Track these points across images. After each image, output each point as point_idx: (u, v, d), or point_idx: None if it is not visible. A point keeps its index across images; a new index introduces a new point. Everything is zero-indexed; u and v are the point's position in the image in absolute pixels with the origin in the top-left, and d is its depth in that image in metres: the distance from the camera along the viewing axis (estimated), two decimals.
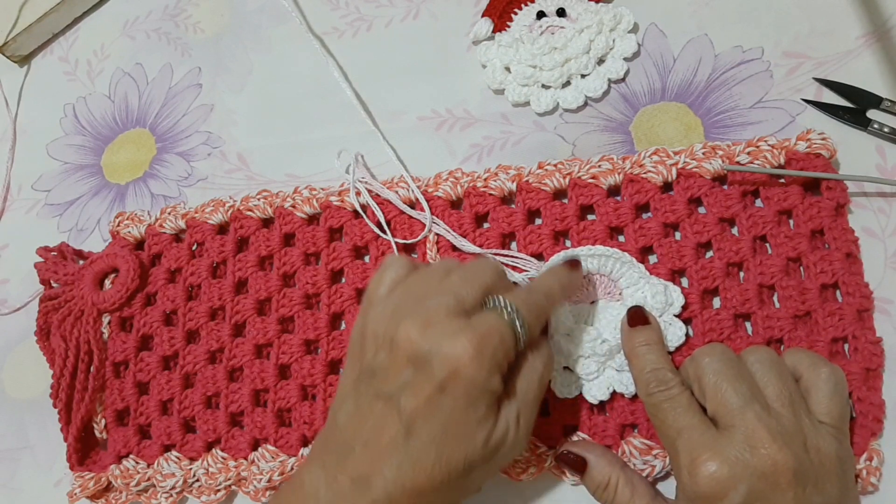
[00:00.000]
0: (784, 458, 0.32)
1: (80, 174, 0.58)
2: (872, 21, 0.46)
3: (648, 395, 0.37)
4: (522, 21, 0.51)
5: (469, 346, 0.32)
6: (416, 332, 0.33)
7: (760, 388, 0.35)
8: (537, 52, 0.49)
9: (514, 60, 0.50)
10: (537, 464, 0.40)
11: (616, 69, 0.49)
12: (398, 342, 0.33)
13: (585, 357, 0.41)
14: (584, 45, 0.49)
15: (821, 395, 0.35)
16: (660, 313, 0.41)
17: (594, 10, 0.50)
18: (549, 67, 0.49)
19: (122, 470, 0.46)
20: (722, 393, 0.34)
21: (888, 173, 0.43)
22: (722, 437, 0.33)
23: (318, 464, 0.35)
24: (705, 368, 0.35)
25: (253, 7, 0.59)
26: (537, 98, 0.49)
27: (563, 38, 0.49)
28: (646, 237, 0.43)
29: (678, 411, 0.35)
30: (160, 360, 0.48)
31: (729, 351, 0.36)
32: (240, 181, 0.53)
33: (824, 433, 0.34)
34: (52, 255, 0.51)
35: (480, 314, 0.34)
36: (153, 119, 0.58)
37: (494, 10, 0.52)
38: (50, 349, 0.49)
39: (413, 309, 0.34)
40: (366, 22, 0.56)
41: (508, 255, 0.44)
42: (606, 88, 0.49)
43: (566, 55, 0.49)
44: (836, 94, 0.45)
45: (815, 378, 0.36)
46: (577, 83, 0.49)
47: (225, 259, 0.48)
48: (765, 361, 0.36)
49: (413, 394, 0.32)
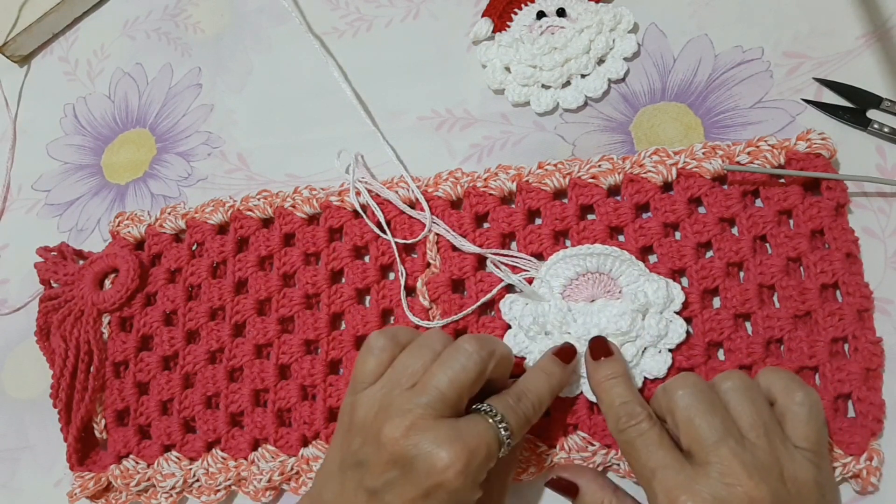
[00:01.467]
0: (760, 494, 0.32)
1: (80, 174, 0.58)
2: (872, 21, 0.46)
3: (619, 430, 0.36)
4: (522, 21, 0.51)
5: (457, 461, 0.33)
6: (401, 435, 0.33)
7: (735, 419, 0.34)
8: (537, 52, 0.49)
9: (514, 60, 0.50)
10: (537, 464, 0.40)
11: (616, 69, 0.49)
12: (384, 442, 0.34)
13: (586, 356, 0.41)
14: (584, 45, 0.49)
15: (797, 421, 0.35)
16: (661, 310, 0.41)
17: (594, 11, 0.49)
18: (549, 67, 0.49)
19: (122, 470, 0.46)
20: (695, 428, 0.34)
21: (888, 173, 0.43)
22: (698, 475, 0.33)
23: None
24: (678, 402, 0.35)
25: (253, 7, 0.59)
26: (537, 98, 0.49)
27: (563, 38, 0.49)
28: (646, 237, 0.43)
29: (650, 448, 0.35)
30: (160, 360, 0.48)
31: (701, 381, 0.36)
32: (240, 181, 0.53)
33: (801, 460, 0.34)
34: (52, 255, 0.51)
35: (468, 419, 0.35)
36: (153, 119, 0.58)
37: (494, 10, 0.52)
38: (50, 349, 0.49)
39: (399, 406, 0.34)
40: (366, 22, 0.56)
41: (508, 255, 0.44)
42: (606, 88, 0.48)
43: (566, 55, 0.49)
44: (836, 95, 0.45)
45: (789, 402, 0.35)
46: (578, 83, 0.49)
47: (225, 259, 0.48)
48: (738, 389, 0.35)
49: (398, 494, 0.33)
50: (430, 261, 0.45)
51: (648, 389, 0.41)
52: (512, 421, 0.35)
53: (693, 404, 0.34)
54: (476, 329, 0.43)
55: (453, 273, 0.44)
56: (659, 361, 0.40)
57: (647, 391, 0.41)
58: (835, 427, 0.38)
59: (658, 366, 0.40)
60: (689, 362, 0.40)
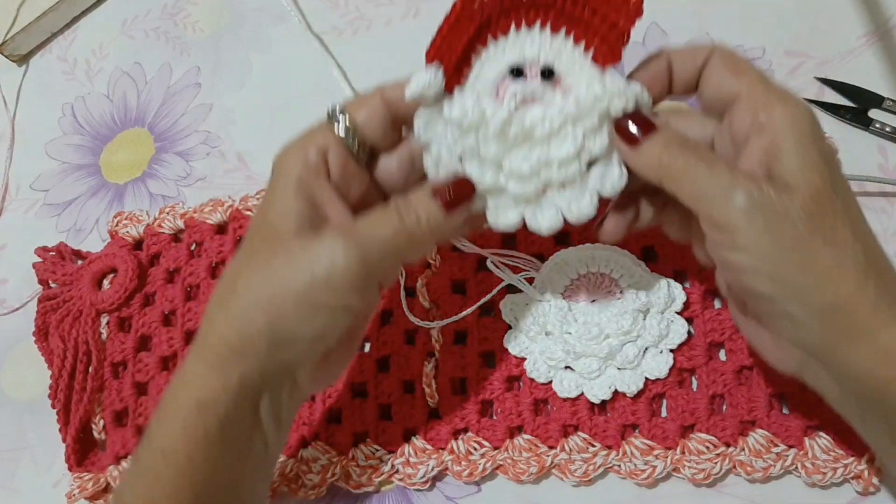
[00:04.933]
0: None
1: (79, 174, 0.57)
2: (874, 20, 0.46)
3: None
4: (487, 73, 0.32)
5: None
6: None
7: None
8: (503, 141, 0.31)
9: (469, 151, 0.32)
10: (538, 464, 0.40)
11: (612, 181, 0.32)
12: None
13: (587, 356, 0.41)
14: (575, 144, 0.31)
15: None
16: (662, 309, 0.41)
17: (598, 80, 0.31)
18: (516, 172, 0.31)
19: (121, 471, 0.46)
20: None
21: (890, 173, 0.43)
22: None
23: None
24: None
25: (252, 6, 0.59)
26: (497, 213, 0.33)
27: (545, 123, 0.31)
28: (647, 237, 0.42)
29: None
30: (159, 361, 0.47)
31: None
32: (239, 181, 0.53)
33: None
34: (50, 255, 0.51)
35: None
36: (152, 118, 0.57)
37: (447, 50, 0.31)
38: (48, 349, 0.49)
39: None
40: (366, 21, 0.56)
41: (509, 255, 0.43)
42: (594, 212, 0.32)
43: (546, 155, 0.31)
44: (837, 94, 0.45)
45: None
46: (554, 197, 0.32)
47: (224, 259, 0.48)
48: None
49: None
50: (430, 261, 0.45)
51: (649, 389, 0.40)
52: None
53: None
54: (476, 329, 0.43)
55: (453, 273, 0.44)
56: (660, 361, 0.40)
57: (648, 391, 0.40)
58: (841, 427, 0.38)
59: (659, 366, 0.40)
60: (691, 362, 0.40)
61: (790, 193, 0.28)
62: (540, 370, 0.41)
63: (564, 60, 0.31)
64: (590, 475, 0.40)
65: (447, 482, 0.42)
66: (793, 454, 0.38)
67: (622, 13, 0.30)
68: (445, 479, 0.42)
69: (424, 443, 0.42)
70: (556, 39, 0.31)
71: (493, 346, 0.43)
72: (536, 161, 0.31)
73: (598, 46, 0.31)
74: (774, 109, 0.29)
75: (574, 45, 0.31)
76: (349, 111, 0.32)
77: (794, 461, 0.38)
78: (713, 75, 0.31)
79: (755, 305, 0.31)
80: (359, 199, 0.33)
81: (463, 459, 0.41)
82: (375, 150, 0.33)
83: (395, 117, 0.32)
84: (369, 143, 0.33)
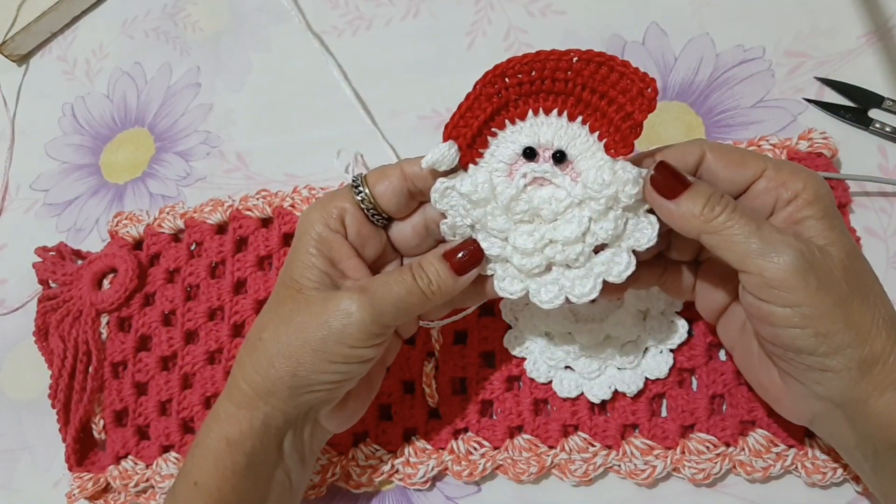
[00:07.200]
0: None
1: (79, 174, 0.57)
2: (874, 20, 0.46)
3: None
4: (502, 154, 0.33)
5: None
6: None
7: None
8: (510, 216, 0.33)
9: (479, 222, 0.34)
10: (538, 464, 0.40)
11: (619, 267, 0.32)
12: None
13: (587, 356, 0.40)
14: (581, 226, 0.32)
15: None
16: (662, 310, 0.41)
17: (609, 169, 0.32)
18: (521, 247, 0.33)
19: (121, 471, 0.46)
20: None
21: (890, 173, 0.43)
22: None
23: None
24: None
25: (252, 6, 0.58)
26: (503, 283, 0.35)
27: (552, 203, 0.33)
28: None
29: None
30: (159, 361, 0.47)
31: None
32: (239, 181, 0.53)
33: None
34: (50, 254, 0.51)
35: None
36: (152, 118, 0.57)
37: (465, 129, 0.33)
38: (48, 349, 0.49)
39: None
40: (365, 21, 0.56)
41: None
42: (596, 296, 0.33)
43: (552, 234, 0.33)
44: (837, 94, 0.45)
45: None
46: (558, 275, 0.34)
47: (224, 259, 0.48)
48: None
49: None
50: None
51: (649, 389, 0.40)
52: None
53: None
54: (476, 329, 0.43)
55: None
56: (660, 361, 0.40)
57: (648, 391, 0.40)
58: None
59: (659, 366, 0.40)
60: (691, 362, 0.40)
61: (828, 254, 0.29)
62: (540, 370, 0.41)
63: (578, 146, 0.32)
64: (590, 475, 0.40)
65: (447, 482, 0.42)
66: (793, 454, 0.38)
67: (637, 105, 0.31)
68: (445, 479, 0.42)
69: (424, 443, 0.42)
70: (572, 126, 0.32)
71: (493, 346, 0.43)
72: (540, 238, 0.33)
73: (611, 135, 0.32)
74: (794, 184, 0.31)
75: (589, 133, 0.32)
76: (369, 182, 0.35)
77: (794, 461, 0.38)
78: (717, 172, 0.32)
79: (790, 359, 0.31)
80: (378, 256, 0.36)
81: (463, 459, 0.41)
82: (391, 217, 0.36)
83: (412, 190, 0.35)
84: (384, 211, 0.35)
